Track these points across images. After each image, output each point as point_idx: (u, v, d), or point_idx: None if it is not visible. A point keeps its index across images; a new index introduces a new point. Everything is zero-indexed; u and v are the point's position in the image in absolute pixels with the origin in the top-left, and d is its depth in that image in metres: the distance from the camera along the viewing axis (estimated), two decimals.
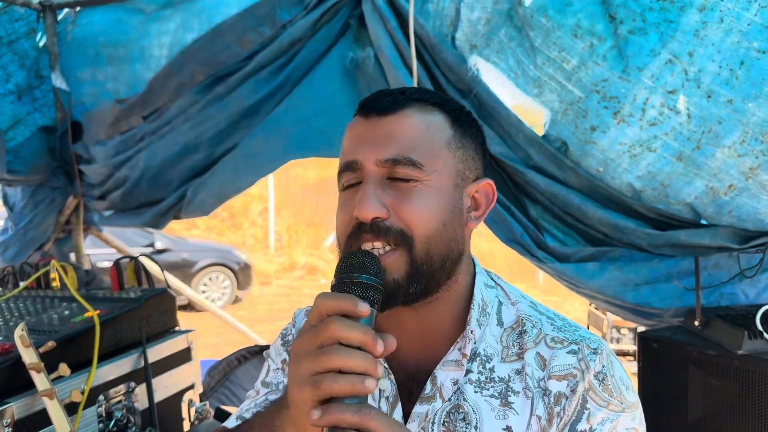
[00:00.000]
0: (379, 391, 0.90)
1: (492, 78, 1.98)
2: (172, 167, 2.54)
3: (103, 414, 1.58)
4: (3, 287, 2.09)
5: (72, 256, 3.00)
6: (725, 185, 1.79)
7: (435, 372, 0.88)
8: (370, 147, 0.85)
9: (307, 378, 0.68)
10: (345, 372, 0.67)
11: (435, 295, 0.88)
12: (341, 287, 0.75)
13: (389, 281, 0.81)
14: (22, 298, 1.90)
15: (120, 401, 1.63)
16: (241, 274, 9.73)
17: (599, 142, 1.89)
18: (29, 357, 1.34)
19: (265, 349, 1.30)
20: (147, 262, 2.11)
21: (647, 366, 1.88)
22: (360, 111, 0.90)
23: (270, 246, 14.64)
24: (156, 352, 1.77)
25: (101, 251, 5.37)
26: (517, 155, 2.01)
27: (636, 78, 1.77)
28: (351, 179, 0.87)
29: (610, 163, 1.90)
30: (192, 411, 1.88)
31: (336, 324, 0.68)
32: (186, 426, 1.88)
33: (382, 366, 0.69)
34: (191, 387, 1.91)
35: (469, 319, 0.88)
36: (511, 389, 0.86)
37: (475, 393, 0.86)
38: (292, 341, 1.08)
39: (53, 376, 1.38)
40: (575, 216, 1.99)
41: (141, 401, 1.70)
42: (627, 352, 5.20)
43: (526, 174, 1.98)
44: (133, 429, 1.66)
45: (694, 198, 1.85)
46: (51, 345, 1.43)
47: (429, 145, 0.85)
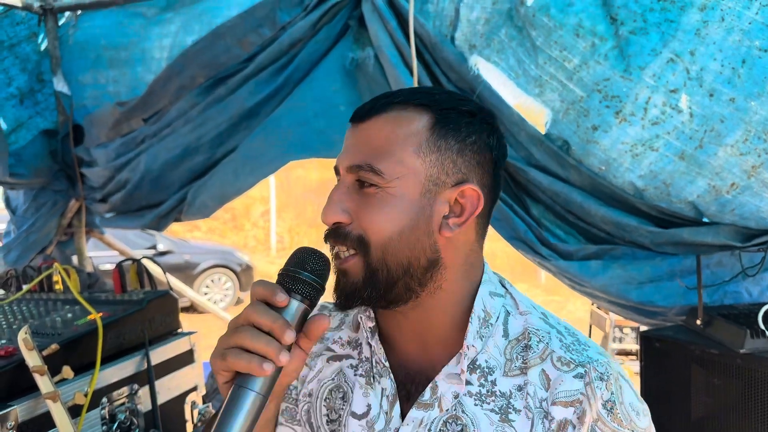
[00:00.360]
0: (381, 390, 0.91)
1: (492, 77, 1.98)
2: (172, 169, 2.55)
3: (107, 416, 1.58)
4: (6, 290, 2.09)
5: (74, 258, 3.00)
6: (728, 184, 1.78)
7: (437, 381, 0.88)
8: (345, 153, 0.88)
9: (220, 350, 0.77)
10: (250, 351, 0.74)
11: (416, 301, 0.87)
12: (279, 277, 0.81)
13: (348, 283, 0.86)
14: (25, 301, 1.90)
15: (123, 403, 1.63)
16: (243, 275, 9.72)
17: (601, 141, 1.88)
18: (33, 360, 1.34)
19: None
20: (149, 264, 2.11)
21: (650, 365, 1.88)
22: (351, 117, 0.92)
23: (272, 247, 14.67)
24: (159, 354, 1.77)
25: (103, 254, 5.36)
26: (519, 154, 2.01)
27: (638, 77, 1.76)
28: (337, 183, 0.91)
29: (612, 163, 1.90)
30: (195, 413, 1.88)
31: (251, 308, 0.77)
32: (189, 428, 1.88)
33: (286, 353, 0.75)
34: (194, 389, 1.91)
35: (467, 333, 0.87)
36: (513, 406, 0.85)
37: (475, 406, 0.86)
38: None
39: (56, 378, 1.38)
40: (577, 214, 1.99)
41: (144, 403, 1.70)
42: (630, 351, 5.19)
43: (528, 172, 1.97)
44: (137, 431, 1.66)
45: (696, 197, 1.84)
46: (54, 348, 1.43)
47: (392, 152, 0.84)
